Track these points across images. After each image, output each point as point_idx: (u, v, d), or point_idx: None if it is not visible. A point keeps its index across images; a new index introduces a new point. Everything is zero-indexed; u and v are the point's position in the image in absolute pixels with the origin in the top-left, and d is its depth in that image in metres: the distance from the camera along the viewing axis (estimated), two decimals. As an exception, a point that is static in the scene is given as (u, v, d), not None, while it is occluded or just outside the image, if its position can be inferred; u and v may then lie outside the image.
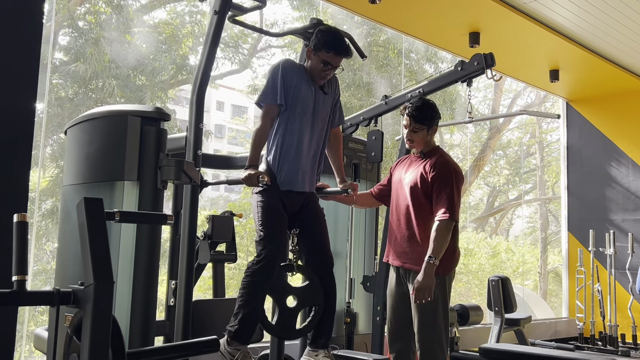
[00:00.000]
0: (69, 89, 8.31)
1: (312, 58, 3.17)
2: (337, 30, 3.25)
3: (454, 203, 3.17)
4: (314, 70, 3.18)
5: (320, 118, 3.24)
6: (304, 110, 3.14)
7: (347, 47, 3.18)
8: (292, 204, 3.15)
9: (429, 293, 3.06)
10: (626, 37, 5.99)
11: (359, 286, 4.30)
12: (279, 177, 3.10)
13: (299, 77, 3.17)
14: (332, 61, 3.15)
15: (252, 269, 2.99)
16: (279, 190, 3.10)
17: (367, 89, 10.64)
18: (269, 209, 3.07)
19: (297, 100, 3.13)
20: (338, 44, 3.15)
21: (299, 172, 3.14)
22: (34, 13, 2.87)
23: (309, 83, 3.19)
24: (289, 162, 3.11)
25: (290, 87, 3.13)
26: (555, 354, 4.31)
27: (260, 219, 3.07)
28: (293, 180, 3.12)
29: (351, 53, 3.22)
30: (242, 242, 9.87)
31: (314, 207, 3.26)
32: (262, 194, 3.10)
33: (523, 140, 15.74)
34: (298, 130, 3.13)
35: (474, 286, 13.36)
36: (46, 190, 7.83)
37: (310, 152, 3.19)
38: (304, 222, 3.19)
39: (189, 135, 3.26)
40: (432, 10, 5.47)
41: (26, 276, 1.86)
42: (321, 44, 3.12)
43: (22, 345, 6.39)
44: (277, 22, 11.46)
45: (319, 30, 3.21)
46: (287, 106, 3.13)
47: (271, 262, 3.00)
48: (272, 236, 3.02)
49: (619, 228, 7.20)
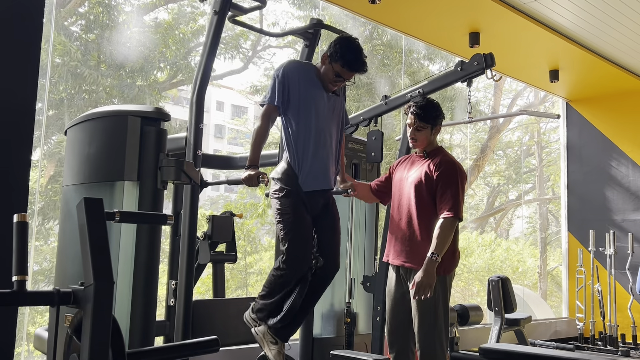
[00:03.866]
0: (68, 89, 8.31)
1: (326, 65, 3.12)
2: (355, 45, 3.14)
3: (459, 202, 3.18)
4: (326, 77, 3.14)
5: (335, 117, 3.23)
6: (317, 110, 3.12)
7: (363, 63, 3.11)
8: (314, 205, 3.13)
9: (430, 290, 3.06)
10: (626, 37, 5.99)
11: (359, 286, 4.30)
12: (300, 178, 3.07)
13: (306, 78, 3.14)
14: (345, 75, 3.12)
15: (277, 274, 3.01)
16: (301, 191, 3.07)
17: (368, 89, 10.64)
18: (292, 214, 3.02)
19: (308, 101, 3.10)
20: (355, 60, 3.09)
21: (320, 170, 3.11)
22: (34, 13, 2.87)
23: (320, 84, 3.16)
24: (309, 162, 3.08)
25: (295, 88, 3.10)
26: (555, 354, 4.31)
27: (282, 224, 3.02)
28: (315, 179, 3.09)
29: (366, 69, 3.16)
30: (241, 243, 9.86)
31: (333, 208, 3.25)
32: (283, 198, 3.05)
33: (523, 140, 15.74)
34: (315, 129, 3.10)
35: (473, 286, 13.36)
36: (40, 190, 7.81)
37: (329, 149, 3.17)
38: (323, 224, 3.16)
39: (189, 135, 3.26)
40: (432, 10, 5.47)
41: (26, 276, 1.86)
42: (338, 56, 3.06)
43: (22, 345, 6.39)
44: (278, 22, 11.47)
45: (339, 40, 3.13)
46: (297, 107, 3.09)
47: (297, 269, 3.00)
48: (296, 244, 2.98)
49: (619, 228, 7.20)
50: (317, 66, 3.22)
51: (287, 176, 3.09)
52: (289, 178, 3.08)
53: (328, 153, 3.17)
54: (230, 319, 3.65)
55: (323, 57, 3.15)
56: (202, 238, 3.76)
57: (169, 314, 3.36)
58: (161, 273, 3.26)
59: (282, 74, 3.11)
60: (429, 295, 3.07)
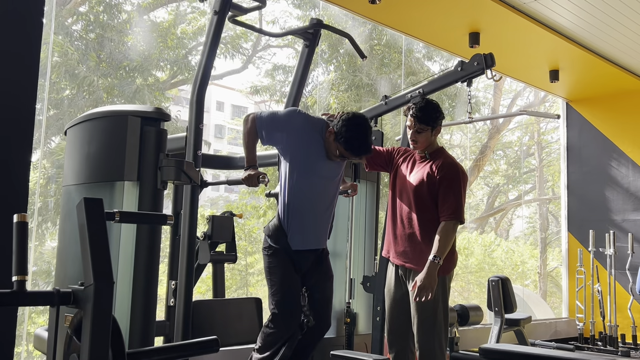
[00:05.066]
0: (68, 89, 8.31)
1: (331, 140, 3.06)
2: (362, 129, 3.04)
3: (461, 205, 3.17)
4: (330, 149, 3.09)
5: (334, 179, 3.18)
6: (317, 173, 3.08)
7: (368, 149, 3.06)
8: (303, 263, 3.10)
9: (431, 292, 3.06)
10: (626, 37, 5.99)
11: (359, 286, 4.30)
12: (289, 236, 3.04)
13: (309, 137, 3.07)
14: (349, 157, 3.11)
15: (267, 332, 3.01)
16: (290, 250, 3.05)
17: (368, 89, 10.64)
18: (278, 274, 3.02)
19: (309, 165, 3.06)
20: (359, 147, 3.03)
21: (310, 231, 3.09)
22: (34, 13, 2.87)
23: (322, 147, 3.09)
24: (299, 222, 3.05)
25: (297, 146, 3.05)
26: (555, 354, 4.30)
27: (271, 282, 3.03)
28: (304, 240, 3.07)
29: (371, 152, 3.12)
30: (241, 244, 9.87)
31: (325, 264, 3.22)
32: (272, 257, 3.05)
33: (523, 140, 15.75)
34: (308, 190, 3.06)
35: (473, 286, 13.36)
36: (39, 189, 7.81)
37: (321, 211, 3.14)
38: (313, 282, 3.15)
39: (189, 136, 3.26)
40: (432, 10, 5.47)
41: (26, 276, 1.86)
42: (343, 140, 3.00)
43: (22, 345, 6.39)
44: (277, 21, 11.47)
45: (346, 121, 3.02)
46: (298, 164, 3.04)
47: (285, 328, 3.00)
48: (283, 304, 2.99)
49: (619, 228, 7.20)
50: (326, 124, 3.13)
51: (276, 234, 3.07)
52: (278, 236, 3.06)
53: (323, 215, 3.15)
54: (230, 319, 3.65)
55: (328, 131, 3.07)
56: (202, 238, 3.76)
57: (169, 314, 3.36)
58: (161, 273, 3.26)
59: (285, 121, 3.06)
60: (430, 298, 3.07)
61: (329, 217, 3.21)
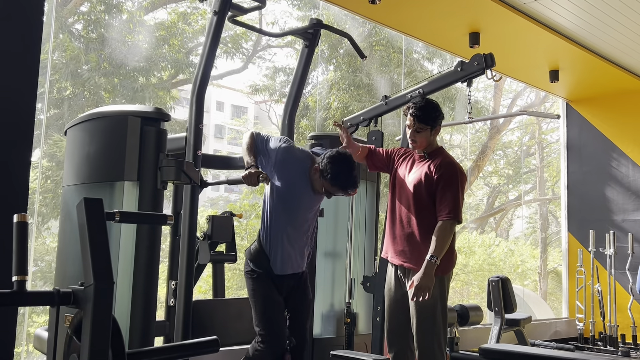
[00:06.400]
0: (69, 89, 8.31)
1: (317, 177, 3.11)
2: (346, 167, 3.09)
3: (459, 204, 3.17)
4: (316, 185, 3.15)
5: (315, 208, 3.28)
6: (301, 204, 3.16)
7: (353, 184, 3.11)
8: (285, 286, 3.19)
9: (428, 292, 3.06)
10: (626, 37, 5.99)
11: (359, 286, 4.30)
12: (272, 261, 3.12)
13: (296, 170, 3.15)
14: (334, 193, 3.16)
15: (256, 355, 3.05)
16: (273, 274, 3.13)
17: (368, 90, 10.64)
18: (263, 297, 3.10)
19: (294, 197, 3.13)
20: (343, 185, 3.09)
21: (291, 257, 3.17)
22: (34, 13, 2.87)
23: (307, 180, 3.15)
24: (281, 249, 3.13)
25: (285, 177, 3.12)
26: (555, 354, 4.30)
27: (255, 306, 3.10)
28: (285, 266, 3.15)
29: (357, 186, 3.16)
30: (242, 243, 9.87)
31: (305, 286, 3.30)
32: (255, 281, 3.13)
33: (523, 140, 15.75)
34: (289, 219, 3.14)
35: (473, 286, 13.36)
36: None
37: (304, 240, 3.23)
38: (293, 304, 3.23)
39: (189, 136, 3.26)
40: (432, 10, 5.47)
41: (26, 276, 1.86)
42: (329, 177, 3.05)
43: (22, 345, 6.39)
44: (277, 21, 11.47)
45: (330, 159, 3.07)
46: (284, 193, 3.11)
47: (275, 348, 3.05)
48: (268, 326, 3.06)
49: (619, 228, 7.20)
50: (312, 158, 3.20)
51: (258, 258, 3.14)
52: (261, 261, 3.13)
53: (303, 241, 3.23)
54: (230, 319, 3.65)
55: (315, 168, 3.13)
56: (202, 238, 3.75)
57: (169, 314, 3.36)
58: (161, 273, 3.26)
59: (277, 154, 3.11)
60: (427, 298, 3.07)
61: (309, 243, 3.31)
